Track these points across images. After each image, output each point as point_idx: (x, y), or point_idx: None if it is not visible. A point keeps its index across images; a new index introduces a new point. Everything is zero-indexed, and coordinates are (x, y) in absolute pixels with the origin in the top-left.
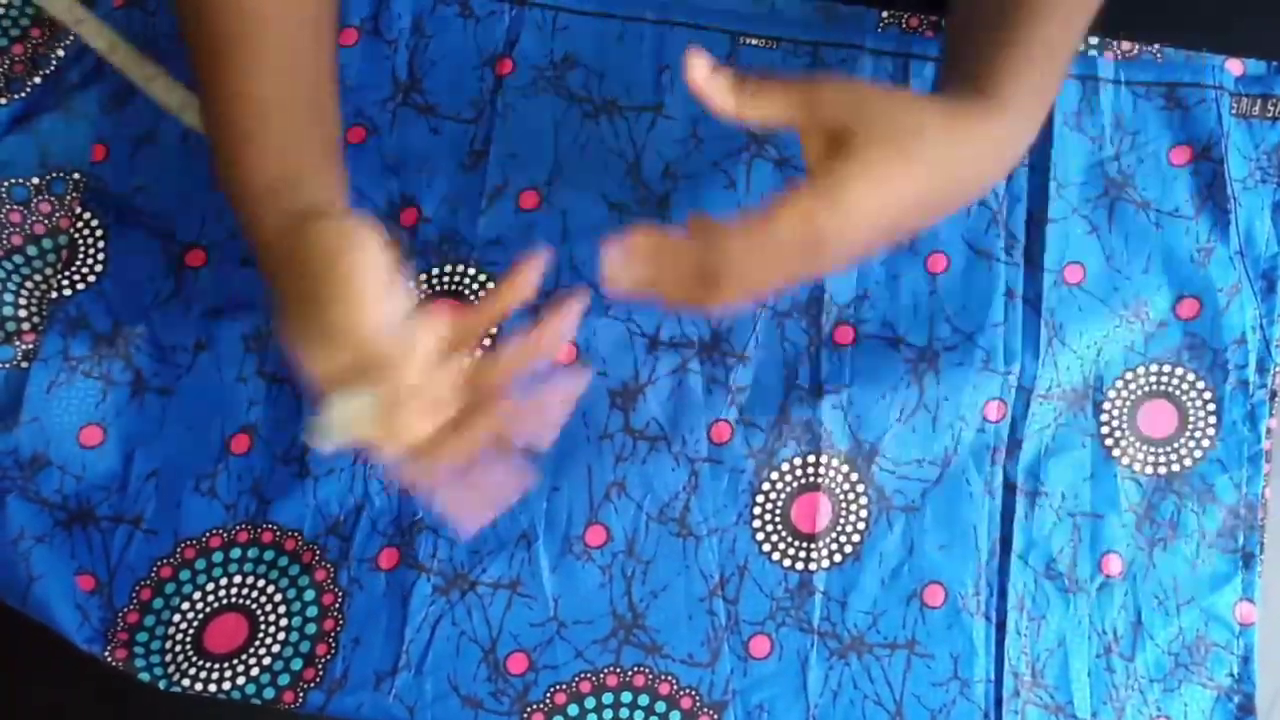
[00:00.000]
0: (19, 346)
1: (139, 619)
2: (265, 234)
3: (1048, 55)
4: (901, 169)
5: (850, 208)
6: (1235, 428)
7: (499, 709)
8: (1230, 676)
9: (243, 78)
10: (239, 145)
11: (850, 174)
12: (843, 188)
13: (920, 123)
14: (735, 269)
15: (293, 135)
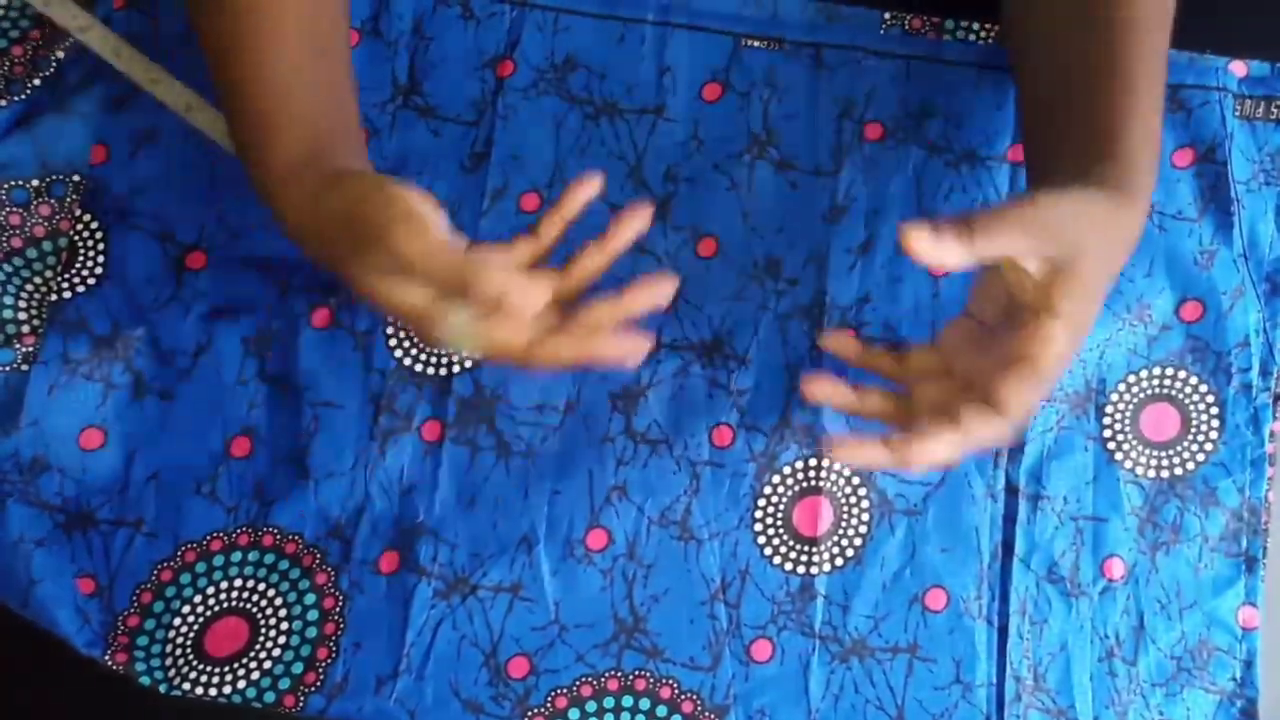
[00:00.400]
0: (19, 349)
1: (139, 622)
2: (299, 207)
3: (1157, 121)
4: (1105, 276)
5: (1084, 329)
6: (1238, 431)
7: (500, 713)
8: (1233, 681)
9: (263, 61)
10: (264, 127)
11: (1083, 297)
12: (1082, 311)
13: (1107, 227)
14: (1023, 414)
15: (317, 114)
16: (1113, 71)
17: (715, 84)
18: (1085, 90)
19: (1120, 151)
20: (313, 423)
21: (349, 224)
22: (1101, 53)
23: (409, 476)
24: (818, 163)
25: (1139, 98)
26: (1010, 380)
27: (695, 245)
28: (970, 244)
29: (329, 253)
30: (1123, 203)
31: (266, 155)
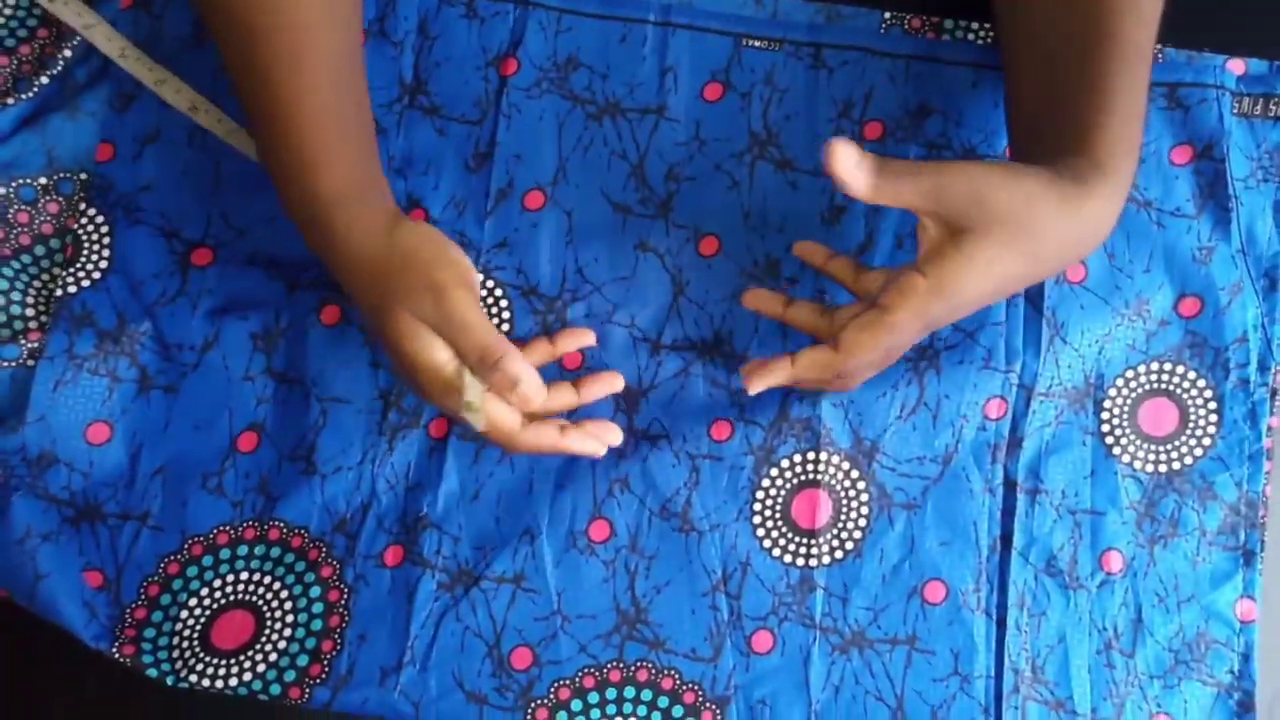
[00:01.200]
0: (24, 345)
1: (146, 615)
2: (351, 237)
3: (1139, 110)
4: (1011, 257)
5: (960, 298)
6: (1236, 426)
7: (503, 704)
8: (1230, 674)
9: (306, 86)
10: (311, 151)
11: (961, 267)
12: (954, 280)
13: (1036, 213)
14: (863, 367)
15: (364, 138)
16: (1090, 65)
17: (716, 84)
18: (1062, 80)
19: (1090, 146)
20: (321, 418)
21: (407, 268)
22: (1080, 45)
23: (415, 472)
24: (818, 162)
25: (1116, 95)
26: (853, 327)
27: (697, 244)
28: (873, 182)
29: (376, 286)
30: (1084, 195)
31: (315, 180)
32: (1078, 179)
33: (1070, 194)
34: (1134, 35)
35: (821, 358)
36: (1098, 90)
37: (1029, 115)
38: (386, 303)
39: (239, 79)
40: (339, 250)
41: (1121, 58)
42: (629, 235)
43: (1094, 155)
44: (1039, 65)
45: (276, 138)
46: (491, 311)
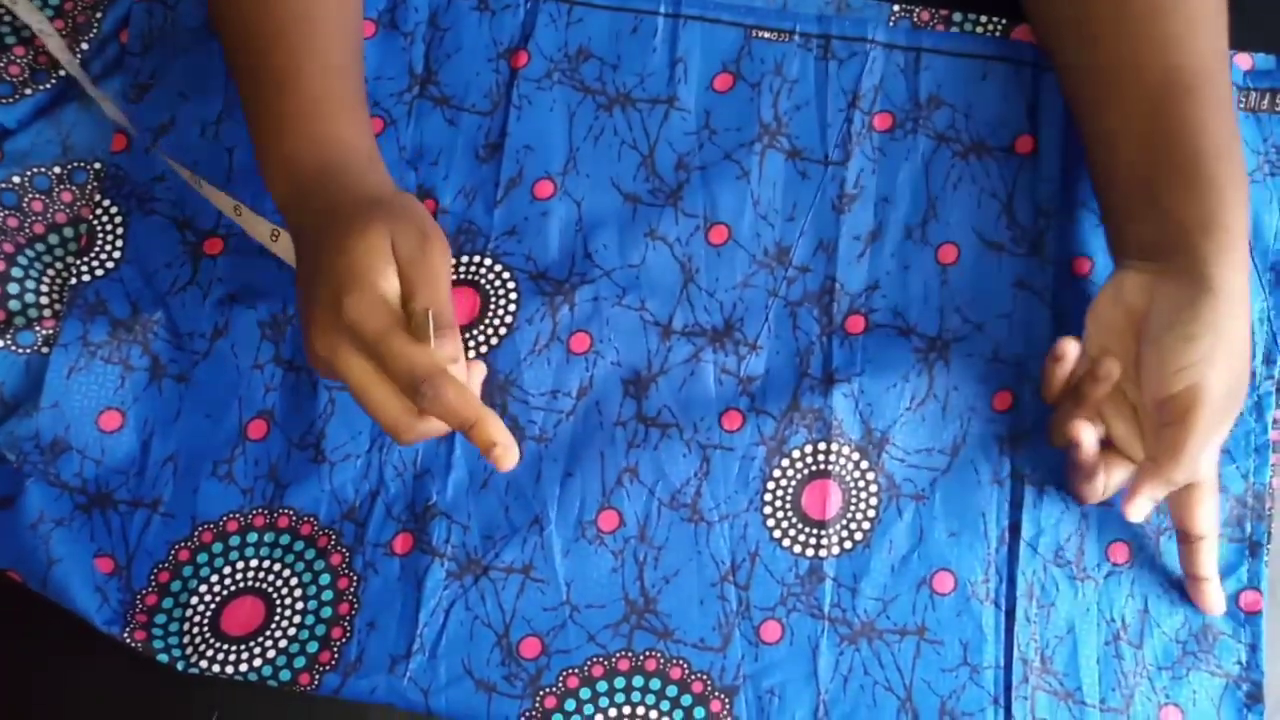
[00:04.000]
0: (39, 332)
1: (157, 601)
2: (346, 173)
3: (1239, 150)
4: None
5: (1226, 416)
6: (1242, 418)
7: (512, 692)
8: (1238, 665)
9: (315, 47)
10: (315, 105)
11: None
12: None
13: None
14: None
15: (362, 107)
16: (1187, 113)
17: (726, 74)
18: (1157, 134)
19: (1212, 245)
20: (329, 406)
21: (407, 207)
22: (1170, 93)
23: (423, 460)
24: (827, 152)
25: (1218, 139)
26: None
27: (706, 232)
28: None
29: (361, 200)
30: (1224, 303)
31: (328, 124)
32: (1195, 301)
33: (1201, 324)
34: (1223, 75)
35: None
36: (1211, 134)
37: (1134, 162)
38: (367, 213)
39: (245, 43)
40: (344, 187)
41: (1221, 100)
42: (639, 224)
43: (1210, 276)
44: (1135, 114)
45: (286, 89)
46: (499, 293)
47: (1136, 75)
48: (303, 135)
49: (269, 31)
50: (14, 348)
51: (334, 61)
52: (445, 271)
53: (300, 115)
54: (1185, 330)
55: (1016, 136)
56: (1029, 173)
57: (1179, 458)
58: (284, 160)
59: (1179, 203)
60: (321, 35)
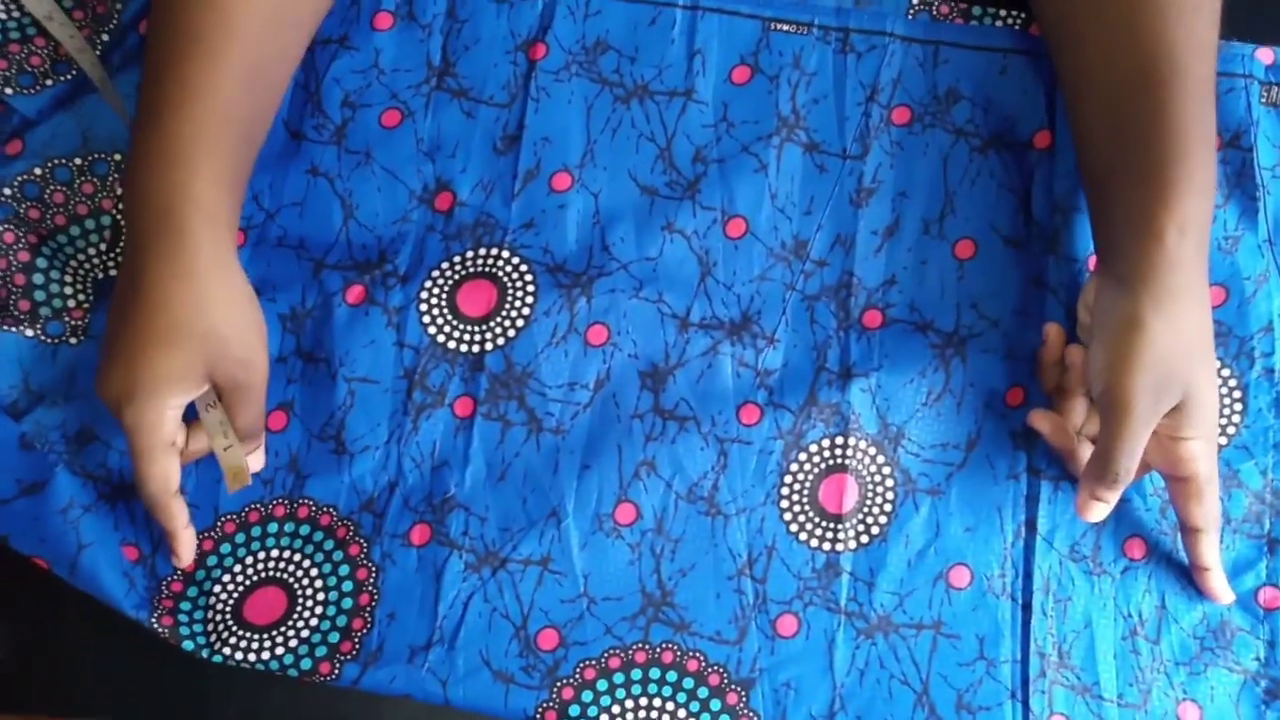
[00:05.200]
0: (67, 323)
1: (182, 589)
2: (193, 243)
3: (1210, 141)
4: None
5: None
6: (1261, 415)
7: (530, 683)
8: (1257, 661)
9: (214, 75)
10: (190, 144)
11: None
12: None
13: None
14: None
15: (242, 153)
16: (1158, 105)
17: (744, 67)
18: (1128, 125)
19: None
20: (348, 398)
21: (247, 322)
22: (1145, 85)
23: (441, 451)
24: (845, 145)
25: (1188, 132)
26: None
27: (724, 225)
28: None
29: (189, 306)
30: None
31: (191, 173)
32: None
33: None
34: (1198, 69)
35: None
36: (1169, 130)
37: (1100, 159)
38: (187, 340)
39: (159, 34)
40: (177, 253)
41: (1189, 93)
42: (656, 217)
43: (1164, 212)
44: (1103, 110)
45: (168, 116)
46: (516, 285)
47: (1107, 70)
48: (158, 178)
49: (170, 52)
50: (44, 337)
51: (221, 101)
52: (263, 394)
53: (162, 155)
54: (1102, 334)
55: (1035, 131)
56: (1046, 168)
57: (1107, 458)
58: (135, 192)
59: (1124, 202)
60: (223, 71)
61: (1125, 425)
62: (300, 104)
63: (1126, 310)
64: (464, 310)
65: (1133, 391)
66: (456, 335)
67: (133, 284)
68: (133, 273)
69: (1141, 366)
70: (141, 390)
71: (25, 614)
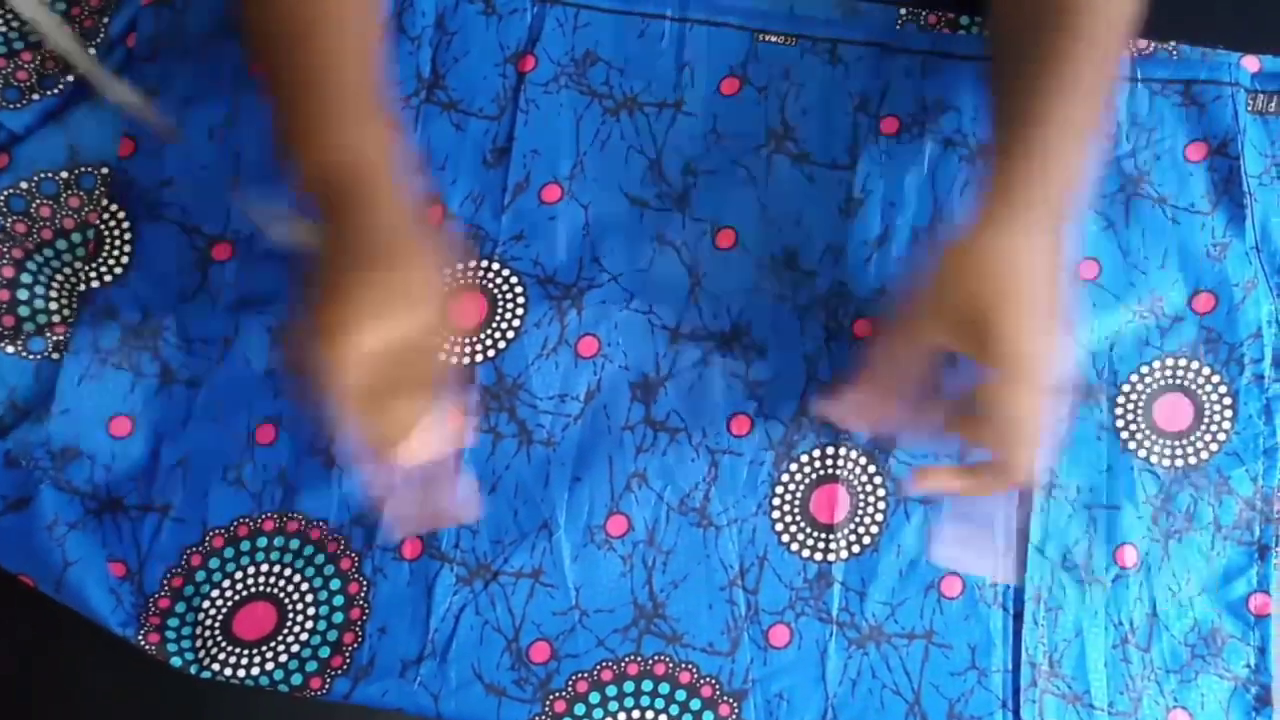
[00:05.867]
0: (50, 338)
1: (170, 605)
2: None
3: (1083, 121)
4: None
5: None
6: (1251, 421)
7: (522, 697)
8: (1247, 668)
9: (345, 44)
10: (354, 105)
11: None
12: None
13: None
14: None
15: (374, 122)
16: (1045, 65)
17: (733, 78)
18: (1012, 76)
19: (1013, 181)
20: None
21: (428, 264)
22: (1045, 40)
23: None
24: (834, 156)
25: (1058, 102)
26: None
27: (714, 237)
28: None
29: (402, 247)
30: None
31: (362, 125)
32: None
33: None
34: (1103, 37)
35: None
36: (1042, 93)
37: (997, 105)
38: (431, 281)
39: (274, 41)
40: (377, 200)
41: (1079, 59)
42: (646, 229)
43: (1015, 187)
44: (1006, 60)
45: (314, 93)
46: (507, 297)
47: (1019, 46)
48: (332, 141)
49: (297, 30)
50: (25, 354)
51: (363, 64)
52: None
53: (330, 118)
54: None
55: None
56: None
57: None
58: (316, 165)
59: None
60: (351, 36)
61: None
62: None
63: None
64: (454, 322)
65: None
66: (446, 347)
67: (355, 243)
68: (348, 234)
69: (941, 324)
70: (422, 338)
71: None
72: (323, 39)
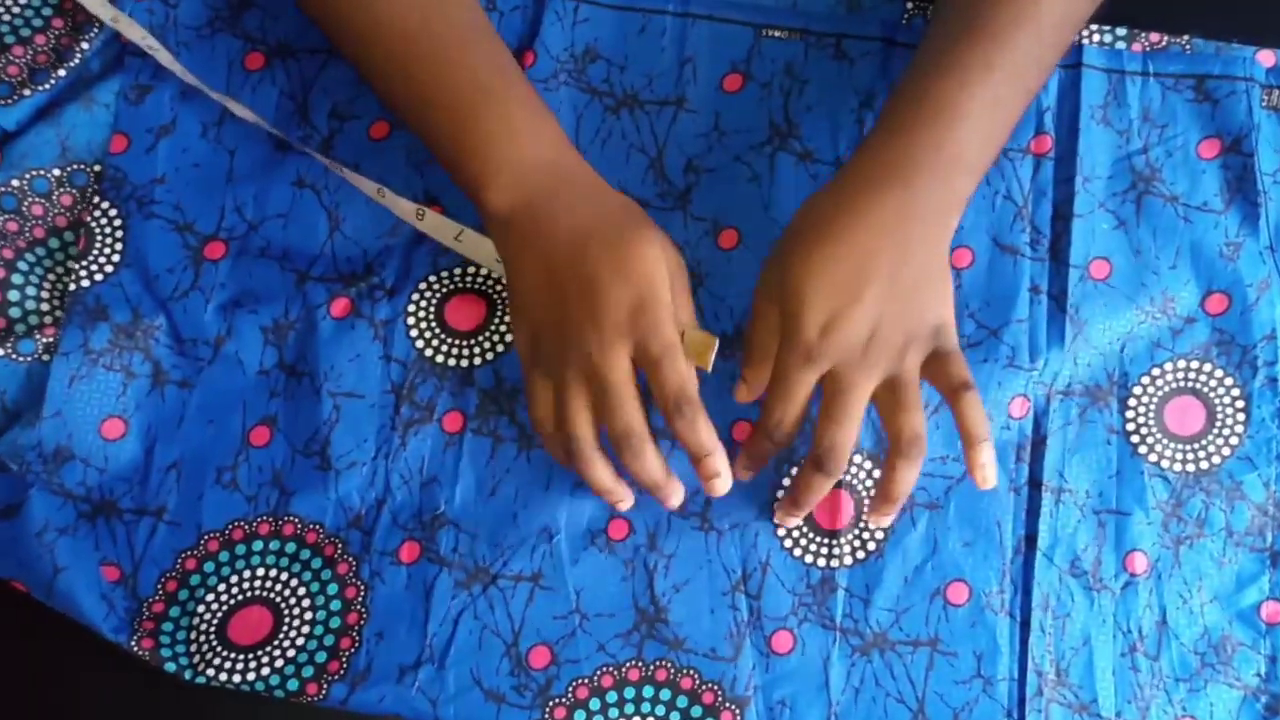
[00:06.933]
0: (39, 340)
1: (164, 609)
2: (585, 171)
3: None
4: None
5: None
6: (1264, 425)
7: (521, 703)
8: (1257, 676)
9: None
10: (524, 107)
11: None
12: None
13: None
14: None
15: (549, 113)
16: (944, 46)
17: (736, 75)
18: (920, 57)
19: (900, 124)
20: (333, 413)
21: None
22: (951, 24)
23: (430, 467)
24: (839, 154)
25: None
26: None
27: (716, 236)
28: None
29: (620, 208)
30: (878, 185)
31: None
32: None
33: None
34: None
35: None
36: (935, 65)
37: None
38: (644, 224)
39: (427, 52)
40: (582, 183)
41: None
42: None
43: (903, 131)
44: (921, 52)
45: (495, 94)
46: (506, 301)
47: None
48: (533, 137)
49: (446, 36)
50: (14, 356)
51: (509, 58)
52: (689, 290)
53: (525, 117)
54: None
55: (1032, 137)
56: (1044, 174)
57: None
58: (516, 164)
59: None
60: (497, 37)
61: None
62: (287, 115)
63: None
64: (453, 324)
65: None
66: (445, 350)
67: (568, 246)
68: (556, 237)
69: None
70: (647, 296)
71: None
72: (485, 44)
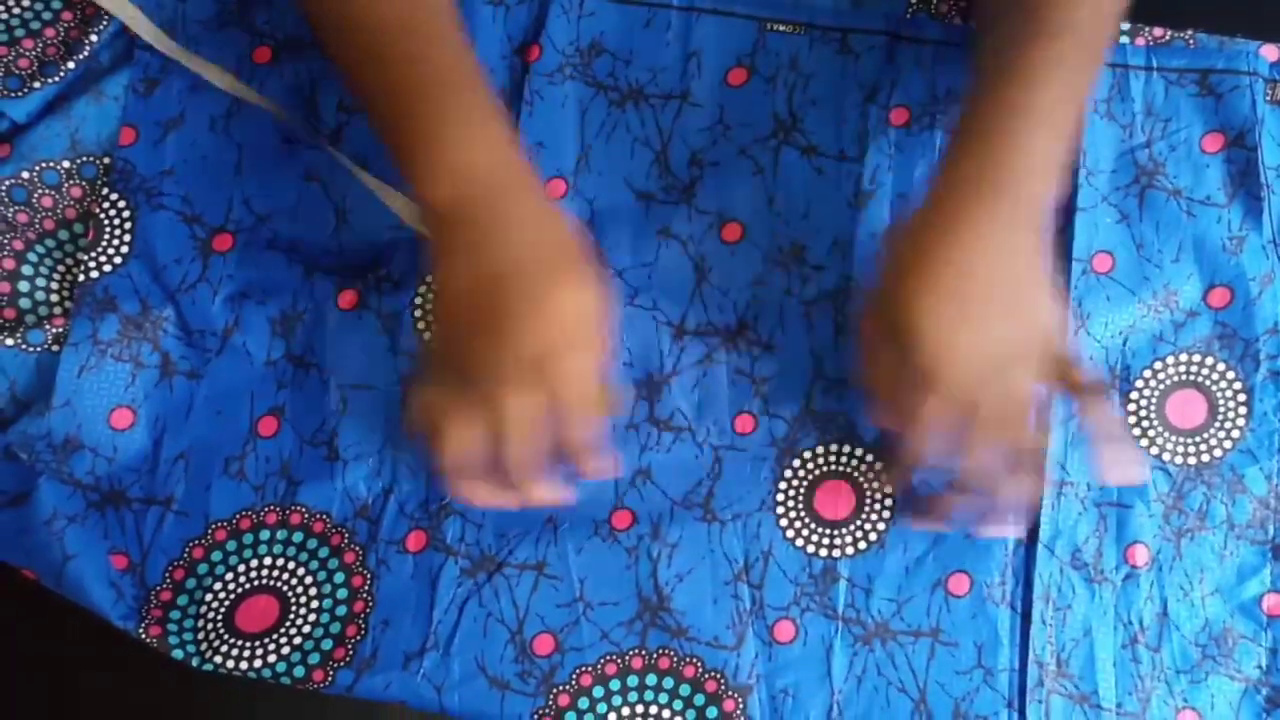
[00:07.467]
0: (49, 330)
1: (172, 598)
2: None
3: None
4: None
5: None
6: (1266, 418)
7: (525, 690)
8: (1258, 669)
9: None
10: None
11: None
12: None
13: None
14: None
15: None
16: (1022, 55)
17: (741, 69)
18: (990, 69)
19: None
20: (341, 404)
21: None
22: (1021, 32)
23: None
24: (843, 148)
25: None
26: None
27: (720, 230)
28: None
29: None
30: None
31: (497, 129)
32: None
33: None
34: (1089, 31)
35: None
36: (1021, 79)
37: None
38: (580, 267)
39: (390, 40)
40: (525, 197)
41: (1064, 49)
42: (651, 222)
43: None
44: (986, 49)
45: (450, 88)
46: None
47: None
48: (477, 139)
49: (421, 30)
50: (24, 346)
51: (477, 63)
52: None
53: (472, 116)
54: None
55: None
56: None
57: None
58: (453, 165)
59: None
60: (462, 35)
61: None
62: (296, 109)
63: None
64: None
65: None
66: None
67: (492, 266)
68: (485, 254)
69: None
70: (567, 345)
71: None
72: (452, 38)
